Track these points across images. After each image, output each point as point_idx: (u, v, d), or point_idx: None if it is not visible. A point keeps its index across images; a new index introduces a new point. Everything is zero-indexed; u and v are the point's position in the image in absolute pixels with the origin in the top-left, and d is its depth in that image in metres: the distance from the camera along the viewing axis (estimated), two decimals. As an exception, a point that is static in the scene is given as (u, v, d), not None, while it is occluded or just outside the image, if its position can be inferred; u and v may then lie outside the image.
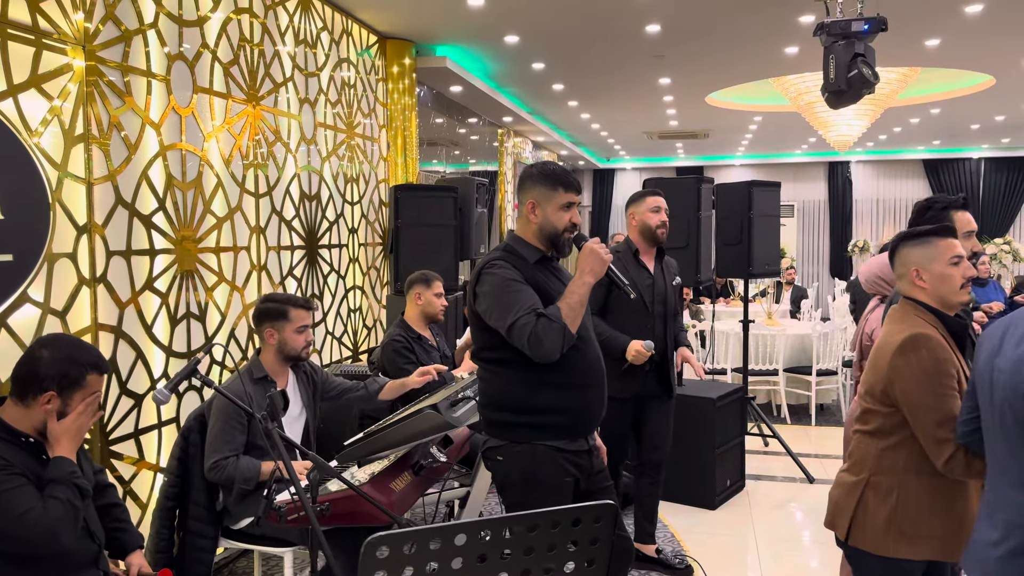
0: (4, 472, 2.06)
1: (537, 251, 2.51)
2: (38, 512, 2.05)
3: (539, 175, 2.52)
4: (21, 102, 2.80)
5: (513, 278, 2.39)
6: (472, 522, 1.38)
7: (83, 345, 2.28)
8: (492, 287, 2.40)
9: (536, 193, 2.51)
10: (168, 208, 3.56)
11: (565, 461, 2.44)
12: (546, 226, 2.49)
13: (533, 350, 2.31)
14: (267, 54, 4.41)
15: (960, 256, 2.25)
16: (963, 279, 2.24)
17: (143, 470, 3.40)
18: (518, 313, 2.32)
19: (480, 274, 2.45)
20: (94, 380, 2.21)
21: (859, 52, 4.62)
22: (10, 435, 2.15)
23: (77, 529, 2.13)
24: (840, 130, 9.03)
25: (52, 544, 2.07)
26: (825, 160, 16.34)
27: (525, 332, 2.30)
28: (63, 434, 2.17)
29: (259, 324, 3.17)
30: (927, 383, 2.11)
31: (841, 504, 2.30)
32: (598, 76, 7.91)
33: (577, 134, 12.77)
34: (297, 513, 2.27)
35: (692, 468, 4.88)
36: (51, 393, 2.14)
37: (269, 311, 3.15)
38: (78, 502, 2.13)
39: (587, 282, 2.40)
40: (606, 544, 1.49)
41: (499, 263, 2.43)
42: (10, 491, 2.05)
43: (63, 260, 2.98)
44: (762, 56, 7.02)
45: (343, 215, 5.42)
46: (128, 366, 3.30)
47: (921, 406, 2.11)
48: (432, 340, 4.27)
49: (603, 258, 2.43)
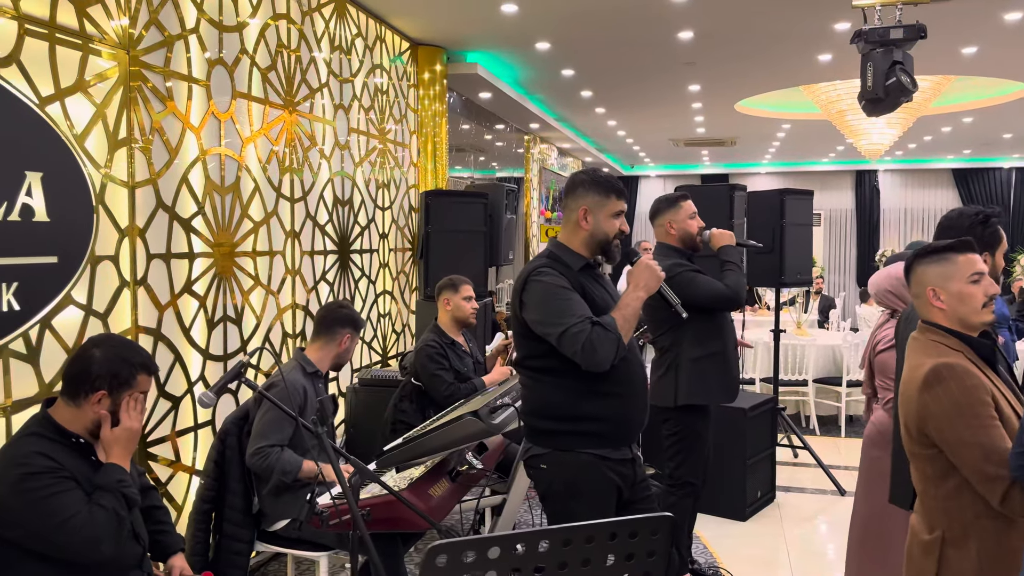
0: (53, 475, 2.08)
1: (581, 258, 2.50)
2: (83, 518, 2.06)
3: (592, 182, 2.50)
4: (68, 106, 2.83)
5: (562, 285, 2.38)
6: (530, 532, 1.37)
7: (134, 345, 2.30)
8: (541, 295, 2.38)
9: (589, 200, 2.49)
10: (207, 212, 3.59)
11: (608, 470, 2.42)
12: (598, 233, 2.48)
13: (586, 358, 2.29)
14: (303, 60, 4.44)
15: (980, 273, 2.05)
16: (985, 297, 2.04)
17: (179, 472, 3.42)
18: (571, 320, 2.31)
19: (526, 282, 2.43)
20: (143, 380, 2.23)
21: (897, 60, 4.57)
22: (61, 436, 2.16)
23: (120, 539, 2.13)
24: (871, 138, 8.93)
25: (93, 552, 2.07)
26: (852, 169, 16.19)
27: (579, 340, 2.28)
28: (115, 441, 2.19)
29: (341, 325, 3.24)
30: (960, 417, 1.90)
31: (918, 566, 2.05)
32: (627, 83, 7.89)
33: (602, 141, 12.75)
34: (339, 518, 2.27)
35: (723, 479, 4.83)
36: (102, 392, 2.16)
37: (354, 319, 3.29)
38: (124, 512, 2.13)
39: (640, 296, 2.41)
40: (663, 557, 1.47)
41: (546, 271, 2.42)
42: (58, 495, 2.06)
43: (105, 262, 3.01)
44: (795, 63, 6.97)
45: (374, 220, 5.44)
46: (166, 368, 3.33)
47: (960, 443, 1.90)
48: (465, 346, 4.27)
49: (658, 275, 2.45)
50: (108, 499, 2.12)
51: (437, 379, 3.97)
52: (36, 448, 2.10)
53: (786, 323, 7.63)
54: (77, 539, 2.04)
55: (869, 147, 9.15)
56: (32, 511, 2.03)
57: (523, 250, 11.19)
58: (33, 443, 2.12)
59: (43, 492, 2.04)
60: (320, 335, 3.25)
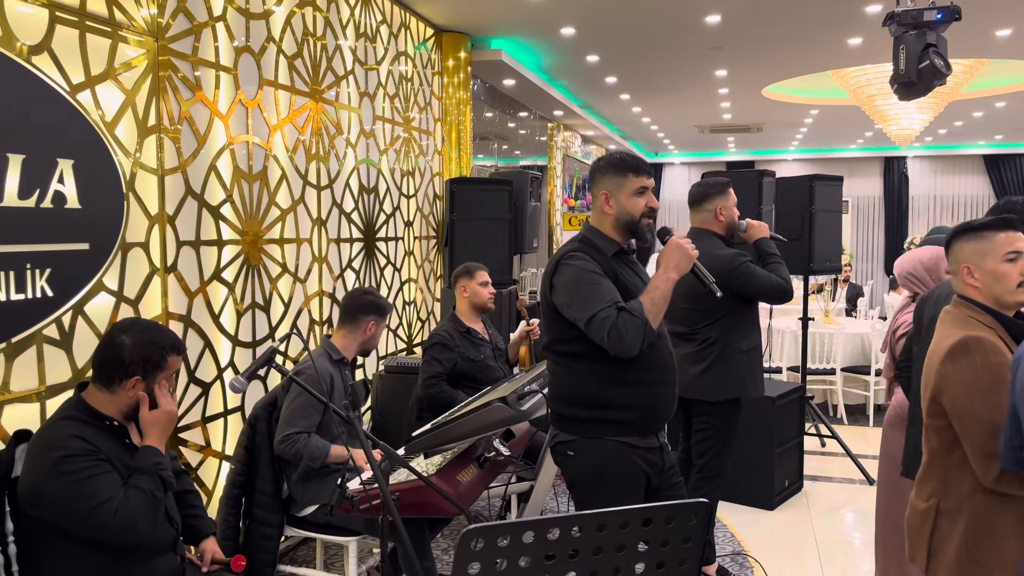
0: (89, 458, 2.10)
1: (614, 244, 2.47)
2: (118, 501, 2.08)
3: (607, 164, 2.48)
4: (98, 93, 2.85)
5: (593, 270, 2.35)
6: (565, 517, 1.36)
7: (160, 328, 2.32)
8: (571, 279, 2.36)
9: (607, 183, 2.46)
10: (235, 200, 3.60)
11: (637, 457, 2.40)
12: (622, 215, 2.45)
13: (613, 344, 2.26)
14: (329, 47, 4.44)
15: (1018, 252, 2.06)
16: (1020, 277, 2.05)
17: (209, 457, 3.45)
18: (599, 306, 2.28)
19: (558, 265, 2.41)
20: (174, 361, 2.26)
21: (931, 42, 4.48)
22: (95, 419, 2.18)
23: (156, 520, 2.15)
24: (901, 124, 8.79)
25: (129, 533, 2.09)
26: (881, 155, 15.96)
27: (606, 325, 2.25)
28: (154, 423, 2.21)
29: (365, 313, 3.24)
30: (978, 391, 1.92)
31: (916, 533, 2.12)
32: (652, 68, 7.82)
33: (626, 128, 12.66)
34: (370, 503, 2.28)
35: (750, 468, 4.80)
36: (136, 378, 2.18)
37: (378, 306, 3.28)
38: (160, 493, 2.16)
39: (671, 277, 2.36)
40: (698, 543, 1.46)
41: (578, 255, 2.39)
42: (94, 477, 2.08)
43: (136, 249, 3.03)
44: (824, 47, 6.87)
45: (399, 208, 5.44)
46: (196, 355, 3.35)
47: (972, 416, 1.92)
48: (484, 333, 4.25)
49: (689, 253, 2.39)
50: (145, 481, 2.14)
51: (427, 365, 3.97)
52: (72, 431, 2.12)
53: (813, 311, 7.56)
54: (113, 521, 2.06)
55: (899, 133, 9.01)
56: (68, 493, 2.05)
57: (547, 238, 11.16)
58: (69, 426, 2.14)
59: (80, 474, 2.07)
60: (345, 322, 3.26)
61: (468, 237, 5.72)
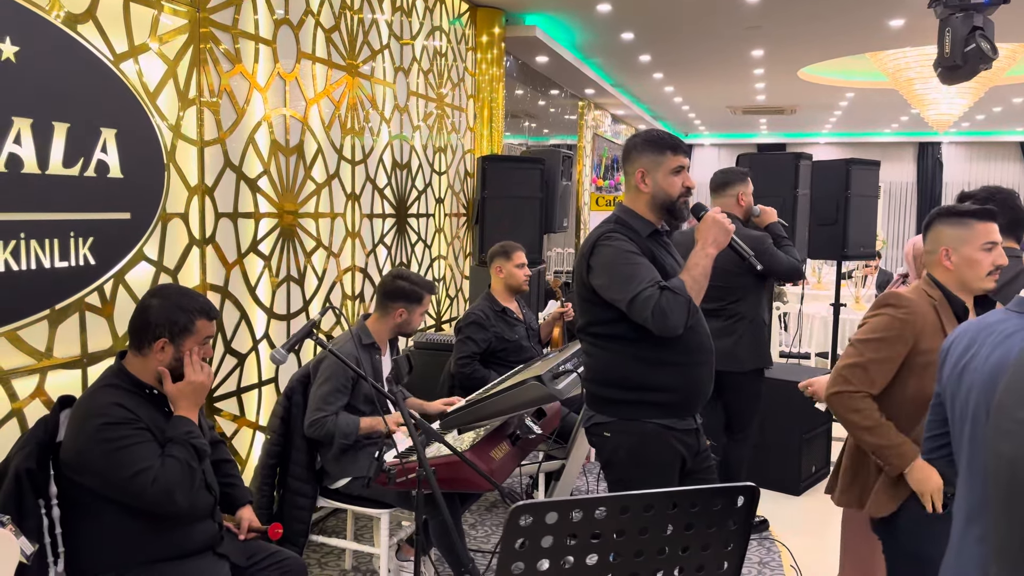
0: (130, 426, 2.13)
1: (649, 224, 2.42)
2: (156, 470, 2.11)
3: (644, 142, 2.42)
4: (141, 63, 2.86)
5: (631, 250, 2.32)
6: (612, 496, 1.36)
7: (191, 293, 2.34)
8: (609, 259, 2.32)
9: (643, 161, 2.41)
10: (272, 173, 3.62)
11: (674, 440, 2.39)
12: (659, 194, 2.40)
13: (657, 323, 2.23)
14: (365, 21, 4.43)
15: (994, 242, 2.21)
16: (992, 266, 2.21)
17: (243, 427, 3.49)
18: (641, 285, 2.25)
19: (594, 246, 2.37)
20: (203, 326, 2.26)
21: (978, 25, 4.38)
22: (136, 387, 2.21)
23: (192, 490, 2.18)
24: (940, 108, 8.63)
25: (167, 502, 2.12)
26: (915, 140, 15.70)
27: (649, 305, 2.22)
28: (180, 395, 2.24)
29: (392, 300, 3.23)
30: (881, 339, 2.21)
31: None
32: (688, 47, 7.71)
33: (657, 108, 12.54)
34: (406, 476, 2.30)
35: (778, 453, 4.77)
36: (163, 340, 2.21)
37: (410, 293, 3.24)
38: (195, 463, 2.18)
39: (710, 254, 2.33)
40: (744, 526, 1.45)
41: (614, 235, 2.35)
42: (133, 446, 2.11)
43: (176, 220, 3.06)
44: (864, 29, 6.73)
45: (431, 185, 5.44)
46: (232, 326, 3.38)
47: (867, 358, 2.22)
48: (518, 313, 4.26)
49: (727, 228, 2.36)
50: (179, 450, 2.17)
51: (461, 344, 3.98)
52: (114, 399, 2.16)
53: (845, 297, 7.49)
54: (151, 490, 2.09)
55: (937, 118, 8.84)
56: (108, 460, 2.09)
57: (574, 218, 11.12)
58: (110, 394, 2.18)
59: (120, 442, 2.10)
60: (378, 308, 3.28)
61: (498, 215, 5.70)
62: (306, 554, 3.41)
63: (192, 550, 2.27)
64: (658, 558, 1.41)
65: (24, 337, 2.45)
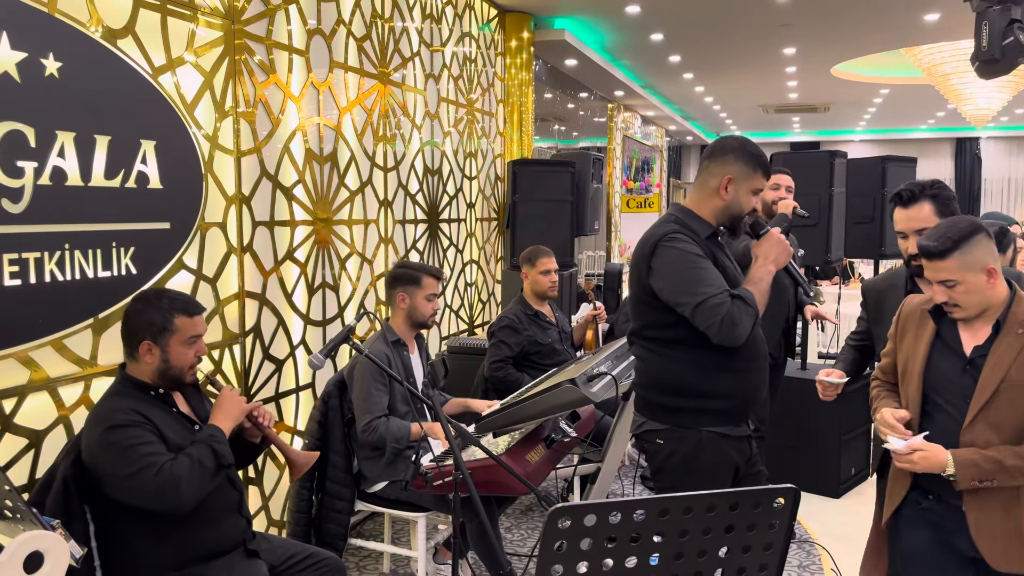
0: (136, 427, 2.16)
1: (708, 226, 2.37)
2: (161, 465, 2.12)
3: (743, 151, 2.36)
4: (178, 76, 2.92)
5: (697, 253, 2.26)
6: (651, 499, 1.35)
7: (169, 292, 2.36)
8: (674, 262, 2.26)
9: (736, 169, 2.35)
10: (307, 181, 3.66)
11: (730, 447, 2.34)
12: (734, 206, 2.35)
13: (724, 332, 2.18)
14: (396, 29, 4.47)
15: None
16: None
17: (281, 432, 3.53)
18: (709, 291, 2.20)
19: (656, 247, 2.29)
20: (184, 322, 2.27)
21: (1016, 17, 4.30)
22: (140, 390, 2.26)
23: (201, 488, 2.17)
24: (978, 103, 8.48)
25: (171, 494, 2.10)
26: (952, 136, 15.43)
27: (719, 312, 2.17)
28: (215, 406, 2.33)
29: (392, 288, 3.27)
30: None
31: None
32: (718, 46, 7.67)
33: (688, 108, 12.47)
34: (443, 479, 2.31)
35: (817, 455, 4.72)
36: (147, 343, 2.24)
37: (403, 276, 3.27)
38: (209, 463, 2.19)
39: (771, 271, 2.32)
40: (784, 528, 1.44)
41: (678, 236, 2.28)
42: (138, 445, 2.14)
43: (214, 229, 3.11)
44: (898, 24, 6.64)
45: (462, 190, 5.46)
46: (271, 332, 3.43)
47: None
48: (551, 316, 4.26)
49: (788, 249, 2.35)
50: (195, 449, 2.21)
51: (495, 348, 4.00)
52: (120, 405, 2.20)
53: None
54: (153, 481, 2.09)
55: (975, 113, 8.69)
56: (115, 462, 2.11)
57: (605, 220, 11.09)
58: (116, 401, 2.22)
59: (125, 442, 2.13)
60: (388, 301, 3.34)
61: (529, 219, 5.72)
62: (344, 557, 3.44)
63: (224, 547, 2.30)
64: (698, 560, 1.41)
65: (69, 345, 2.51)
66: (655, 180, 13.62)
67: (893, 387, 2.25)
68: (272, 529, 3.43)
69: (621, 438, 3.43)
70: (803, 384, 4.51)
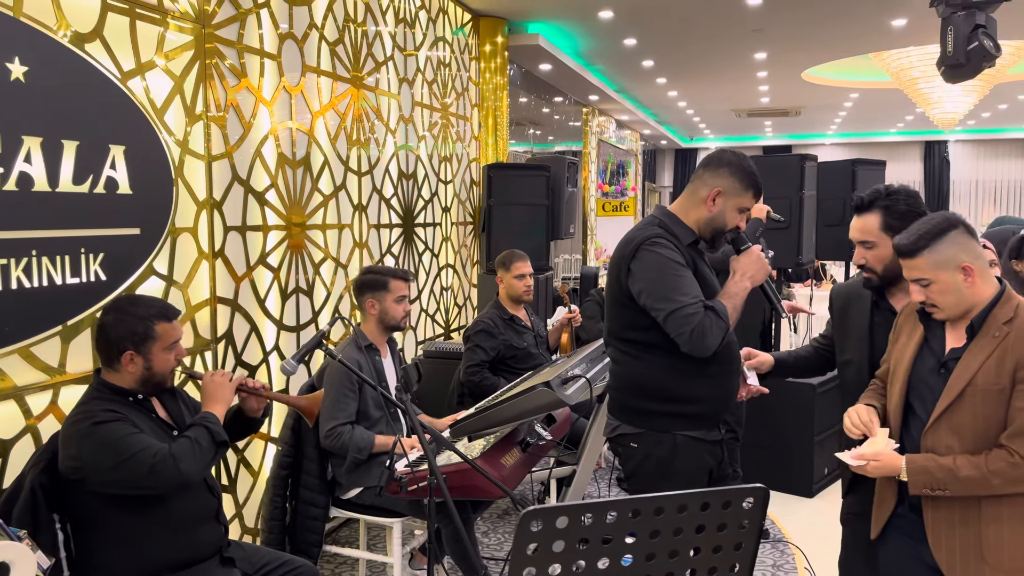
0: (122, 423, 2.15)
1: (691, 233, 2.38)
2: (158, 447, 2.12)
3: (739, 168, 2.35)
4: (148, 80, 2.89)
5: (677, 260, 2.27)
6: (623, 500, 1.36)
7: (144, 299, 2.34)
8: (654, 266, 2.26)
9: (727, 184, 2.34)
10: (279, 186, 3.64)
11: (704, 452, 2.35)
12: (718, 220, 2.36)
13: (693, 342, 2.20)
14: (369, 33, 4.46)
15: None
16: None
17: (255, 440, 3.50)
18: (684, 300, 2.20)
19: (638, 250, 2.29)
20: (164, 328, 2.25)
21: (980, 23, 4.38)
22: (119, 395, 2.24)
23: (201, 463, 2.17)
24: (945, 107, 8.62)
25: (172, 472, 2.09)
26: (921, 139, 15.68)
27: (691, 322, 2.18)
28: (202, 395, 2.32)
29: (361, 294, 3.27)
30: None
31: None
32: (691, 52, 7.74)
33: (662, 112, 12.56)
34: (417, 484, 2.30)
35: (791, 456, 4.77)
36: (130, 352, 2.21)
37: (370, 282, 3.27)
38: (205, 442, 2.19)
39: (747, 287, 2.32)
40: (754, 527, 1.45)
41: (661, 241, 2.28)
42: (128, 436, 2.12)
43: (185, 234, 3.08)
44: (867, 29, 6.74)
45: (437, 194, 5.46)
46: (243, 338, 3.40)
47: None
48: (526, 320, 4.27)
49: (766, 268, 2.36)
50: (192, 430, 2.21)
51: (471, 353, 4.00)
52: (101, 407, 2.18)
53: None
54: (150, 462, 2.08)
55: (943, 116, 8.83)
56: (103, 453, 2.09)
57: (581, 224, 11.13)
58: (96, 404, 2.20)
59: (112, 436, 2.11)
60: (358, 308, 3.34)
61: (505, 223, 5.72)
62: (320, 564, 3.42)
63: (200, 555, 2.28)
64: (670, 561, 1.42)
65: (37, 353, 2.47)
66: (630, 184, 13.69)
67: (885, 391, 2.20)
68: (246, 537, 3.39)
69: (596, 440, 3.44)
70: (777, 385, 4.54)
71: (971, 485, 1.88)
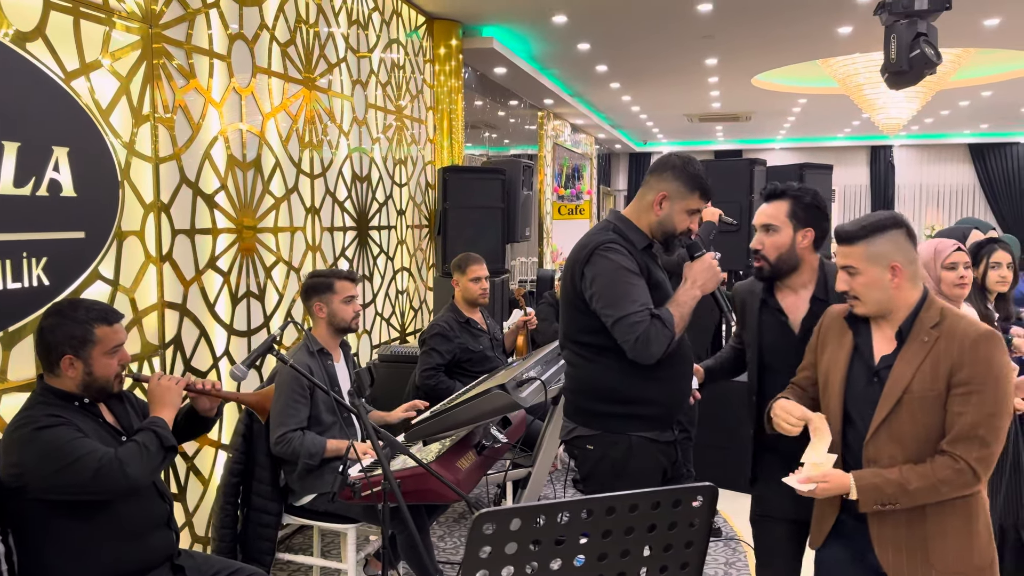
0: (65, 427, 2.09)
1: (645, 238, 2.40)
2: (103, 451, 2.07)
3: (681, 171, 2.38)
4: (92, 80, 2.82)
5: (629, 268, 2.29)
6: (576, 501, 1.37)
7: (84, 303, 2.27)
8: (606, 272, 2.28)
9: (672, 187, 2.37)
10: (229, 188, 3.59)
11: (658, 452, 2.38)
12: (667, 223, 2.39)
13: (638, 349, 2.23)
14: (322, 35, 4.42)
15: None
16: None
17: (205, 446, 3.44)
18: (632, 307, 2.23)
19: (592, 255, 2.32)
20: (105, 332, 2.19)
21: (921, 31, 4.52)
22: (64, 399, 2.18)
23: (148, 468, 2.12)
24: (889, 113, 8.85)
25: (119, 477, 2.05)
26: (867, 144, 16.07)
27: (636, 330, 2.21)
28: (153, 401, 2.27)
29: (308, 299, 3.25)
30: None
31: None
32: (643, 57, 7.83)
33: (616, 117, 12.68)
34: (371, 489, 2.29)
35: (736, 453, 4.82)
36: (69, 357, 2.15)
37: (315, 286, 3.24)
38: (153, 447, 2.14)
39: (696, 295, 2.34)
40: (704, 525, 1.48)
41: (614, 247, 2.31)
42: (73, 440, 2.07)
43: (131, 238, 3.02)
44: (814, 36, 6.89)
45: (392, 197, 5.43)
46: (192, 343, 3.34)
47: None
48: (482, 323, 4.27)
49: (718, 276, 2.38)
50: (140, 435, 2.16)
51: (426, 356, 3.99)
52: (45, 412, 2.12)
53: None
54: (95, 467, 2.03)
55: (887, 121, 9.07)
56: (48, 458, 2.03)
57: (537, 227, 11.17)
58: (39, 409, 2.14)
59: (56, 441, 2.05)
60: (308, 313, 3.31)
61: (460, 226, 5.72)
62: (273, 572, 3.38)
63: (151, 562, 2.24)
64: (622, 560, 1.43)
65: (-24, 361, 2.40)
66: (585, 187, 13.79)
67: (803, 396, 2.18)
68: (197, 546, 3.33)
69: (551, 442, 3.46)
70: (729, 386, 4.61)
71: (921, 496, 1.89)
